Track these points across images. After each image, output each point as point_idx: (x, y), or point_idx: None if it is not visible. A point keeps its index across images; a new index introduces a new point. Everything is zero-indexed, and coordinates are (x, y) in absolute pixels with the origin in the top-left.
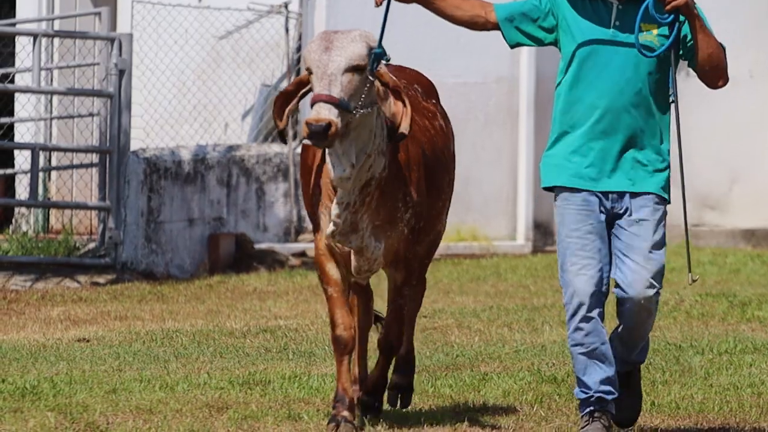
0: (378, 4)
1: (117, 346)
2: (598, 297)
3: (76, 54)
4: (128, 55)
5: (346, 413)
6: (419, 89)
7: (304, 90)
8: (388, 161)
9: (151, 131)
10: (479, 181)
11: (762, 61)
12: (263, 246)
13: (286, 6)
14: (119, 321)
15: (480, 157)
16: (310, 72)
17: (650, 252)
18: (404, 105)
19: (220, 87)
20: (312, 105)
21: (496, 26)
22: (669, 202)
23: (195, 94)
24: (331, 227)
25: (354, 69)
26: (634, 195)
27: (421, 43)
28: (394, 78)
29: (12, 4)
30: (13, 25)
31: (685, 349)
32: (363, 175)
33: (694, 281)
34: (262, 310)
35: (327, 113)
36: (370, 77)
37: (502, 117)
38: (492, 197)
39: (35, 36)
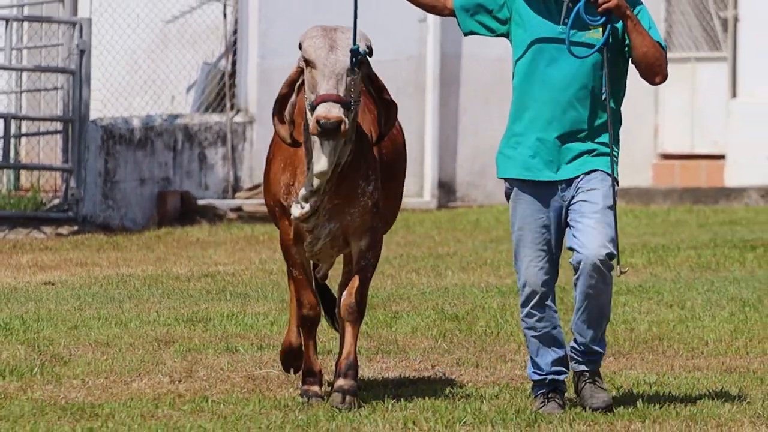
0: None
1: (78, 289)
2: (549, 285)
3: (42, 36)
4: (88, 37)
5: (315, 388)
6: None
7: (297, 84)
8: (356, 142)
9: (108, 103)
10: None
11: None
12: (205, 202)
13: None
14: (80, 267)
15: None
16: (308, 65)
17: (601, 215)
18: (391, 115)
19: (167, 64)
20: (319, 103)
21: (452, 13)
22: (617, 183)
23: (145, 71)
24: (300, 209)
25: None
26: (582, 175)
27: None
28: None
29: None
30: None
31: (568, 291)
32: (332, 160)
33: (623, 273)
34: (204, 257)
35: (337, 111)
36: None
37: (411, 90)
38: None
39: (7, 20)
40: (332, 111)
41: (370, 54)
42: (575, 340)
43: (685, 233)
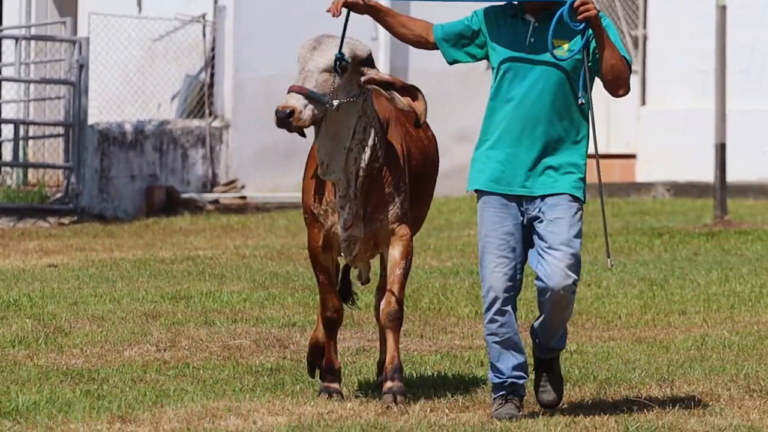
0: (335, 15)
1: (77, 270)
2: (512, 292)
3: (47, 52)
4: (86, 54)
5: (335, 385)
6: None
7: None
8: (383, 153)
9: (103, 110)
10: None
11: None
12: (187, 196)
13: (203, 17)
14: (79, 251)
15: None
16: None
17: (567, 247)
18: (416, 95)
19: (154, 77)
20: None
21: (435, 46)
22: (584, 202)
23: (135, 82)
24: (342, 219)
25: (332, 70)
26: (547, 197)
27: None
28: (389, 77)
29: None
30: (0, 31)
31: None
32: (350, 167)
33: (612, 266)
34: (186, 243)
35: (294, 102)
36: (339, 74)
37: None
38: None
39: (17, 39)
40: (289, 101)
41: (360, 62)
42: (536, 341)
43: (601, 222)
